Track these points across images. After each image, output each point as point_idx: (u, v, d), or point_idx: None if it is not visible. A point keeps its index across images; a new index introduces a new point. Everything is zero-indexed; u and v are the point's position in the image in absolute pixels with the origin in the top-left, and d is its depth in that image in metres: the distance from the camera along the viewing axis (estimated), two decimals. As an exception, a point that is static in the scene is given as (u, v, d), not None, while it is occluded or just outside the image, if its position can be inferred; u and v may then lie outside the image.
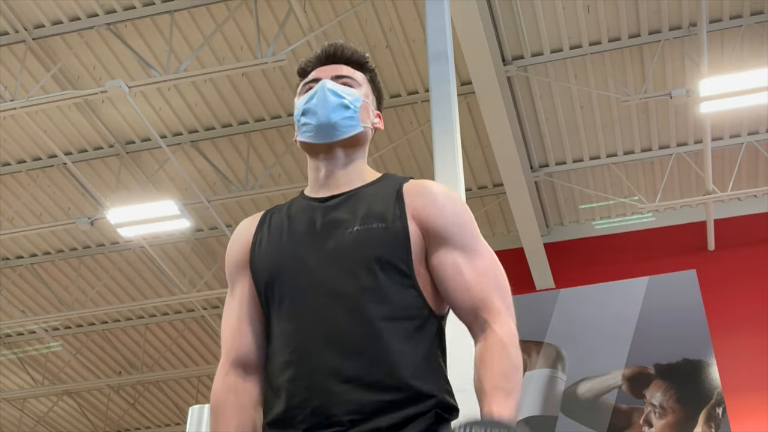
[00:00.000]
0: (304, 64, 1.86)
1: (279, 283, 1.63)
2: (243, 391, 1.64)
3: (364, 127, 1.77)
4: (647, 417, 8.25)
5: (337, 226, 1.64)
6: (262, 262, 1.68)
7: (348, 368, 1.51)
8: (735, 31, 7.66)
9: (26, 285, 10.57)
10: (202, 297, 9.95)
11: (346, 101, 1.74)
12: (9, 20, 7.38)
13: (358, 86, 1.80)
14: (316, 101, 1.73)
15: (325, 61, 1.83)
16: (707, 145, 7.94)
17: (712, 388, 8.12)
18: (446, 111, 5.18)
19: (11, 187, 9.13)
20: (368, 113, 1.80)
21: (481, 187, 9.42)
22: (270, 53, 6.88)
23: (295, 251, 1.64)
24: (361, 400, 1.49)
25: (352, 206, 1.67)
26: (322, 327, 1.55)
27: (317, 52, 1.85)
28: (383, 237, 1.60)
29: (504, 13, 7.47)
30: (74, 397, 12.70)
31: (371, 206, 1.65)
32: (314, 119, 1.72)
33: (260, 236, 1.72)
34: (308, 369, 1.53)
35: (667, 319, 8.49)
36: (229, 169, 9.00)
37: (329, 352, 1.53)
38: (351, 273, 1.58)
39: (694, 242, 9.29)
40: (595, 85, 8.17)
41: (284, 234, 1.69)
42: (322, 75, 1.79)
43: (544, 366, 8.64)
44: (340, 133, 1.73)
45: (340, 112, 1.73)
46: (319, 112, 1.72)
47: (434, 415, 1.51)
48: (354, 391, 1.50)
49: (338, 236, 1.62)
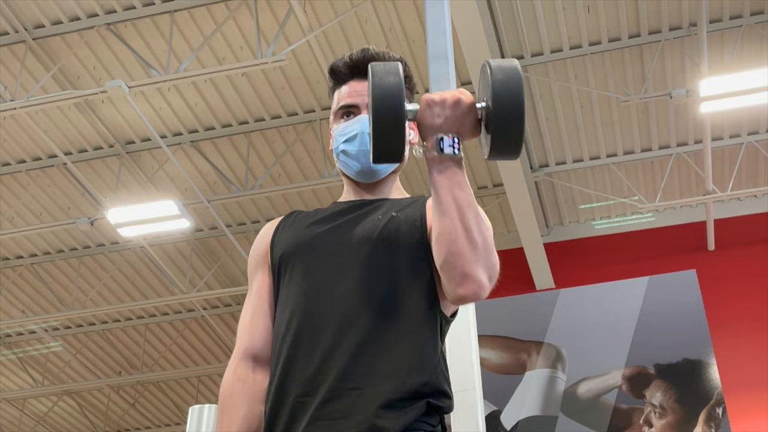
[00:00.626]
0: (335, 66, 1.82)
1: (294, 257, 1.66)
2: (252, 382, 1.65)
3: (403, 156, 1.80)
4: (647, 417, 8.25)
5: (361, 216, 1.69)
6: (279, 242, 1.72)
7: (349, 347, 1.52)
8: (735, 31, 7.66)
9: (26, 285, 10.57)
10: (202, 297, 9.95)
11: None
12: (9, 20, 7.38)
13: None
14: (357, 147, 1.74)
15: (357, 73, 1.79)
16: (707, 145, 7.94)
17: (712, 388, 8.12)
18: (446, 111, 5.17)
19: (11, 187, 9.13)
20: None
21: (481, 187, 9.43)
22: (270, 53, 6.88)
23: (314, 233, 1.68)
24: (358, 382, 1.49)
25: (378, 206, 1.72)
26: (329, 301, 1.57)
27: (350, 58, 1.80)
28: (405, 230, 1.63)
29: (504, 13, 7.47)
30: (74, 397, 12.70)
31: (396, 207, 1.70)
32: (356, 165, 1.75)
33: (282, 226, 1.76)
34: (308, 342, 1.54)
35: (667, 319, 8.49)
36: (229, 169, 9.00)
37: (331, 328, 1.54)
38: (366, 254, 1.60)
39: (694, 242, 9.29)
40: (595, 85, 8.17)
41: (307, 222, 1.73)
42: (359, 100, 1.77)
43: (544, 366, 8.64)
44: (381, 176, 1.78)
45: None
46: (361, 160, 1.74)
47: (425, 404, 1.50)
48: (353, 373, 1.50)
49: (360, 224, 1.66)
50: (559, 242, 9.65)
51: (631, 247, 9.44)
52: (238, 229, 9.85)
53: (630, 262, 9.20)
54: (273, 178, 9.06)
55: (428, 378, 1.52)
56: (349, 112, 1.78)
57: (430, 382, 1.52)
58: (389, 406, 1.47)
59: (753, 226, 9.22)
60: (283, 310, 1.63)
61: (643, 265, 9.05)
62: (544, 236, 9.30)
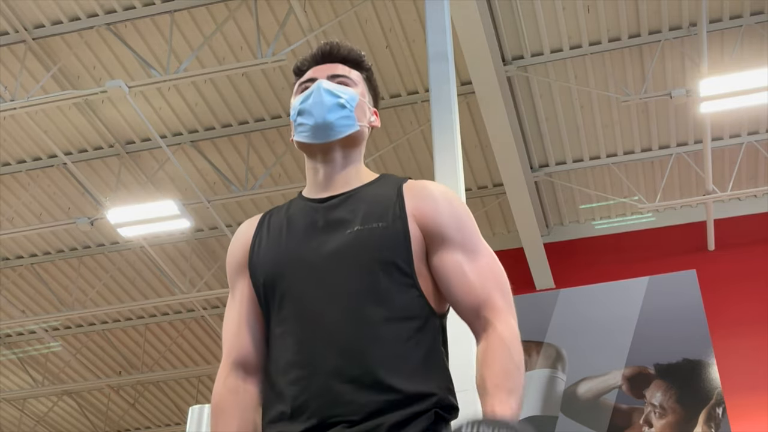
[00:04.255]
0: (299, 63, 1.84)
1: (279, 284, 1.63)
2: (243, 392, 1.64)
3: (360, 126, 1.77)
4: (647, 417, 8.25)
5: (338, 227, 1.64)
6: (260, 263, 1.68)
7: (349, 369, 1.51)
8: (735, 31, 7.65)
9: (26, 285, 10.57)
10: (202, 297, 9.95)
11: (342, 100, 1.73)
12: (9, 20, 7.38)
13: (354, 85, 1.79)
14: (311, 101, 1.73)
15: (321, 60, 1.82)
16: (707, 145, 7.94)
17: (712, 388, 8.12)
18: (446, 111, 5.18)
19: (11, 187, 9.13)
20: (364, 112, 1.79)
21: (481, 187, 9.42)
22: (270, 53, 6.88)
23: (295, 252, 1.64)
24: (361, 400, 1.49)
25: (352, 206, 1.67)
26: (323, 328, 1.55)
27: (313, 51, 1.84)
28: (384, 237, 1.60)
29: (504, 13, 7.47)
30: (74, 397, 12.70)
31: (371, 206, 1.65)
32: (310, 119, 1.72)
33: (259, 237, 1.72)
34: (310, 370, 1.53)
35: (667, 319, 8.49)
36: (229, 169, 9.00)
37: (330, 353, 1.53)
38: (352, 273, 1.58)
39: (694, 242, 9.29)
40: (595, 85, 8.17)
41: (283, 235, 1.69)
42: (318, 74, 1.78)
43: (544, 366, 8.64)
44: (336, 133, 1.72)
45: (336, 112, 1.72)
46: (315, 112, 1.72)
47: (433, 414, 1.51)
48: (355, 391, 1.50)
49: (338, 236, 1.62)
50: (559, 242, 9.65)
51: (631, 247, 9.44)
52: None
53: (630, 262, 9.20)
54: (273, 178, 9.05)
55: (434, 390, 1.53)
56: (307, 87, 1.78)
57: (435, 393, 1.53)
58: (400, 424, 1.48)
59: (753, 226, 9.22)
60: (278, 339, 1.61)
61: (643, 265, 9.04)
62: (544, 236, 9.30)
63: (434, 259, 1.63)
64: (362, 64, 1.84)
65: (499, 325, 1.55)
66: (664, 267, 8.89)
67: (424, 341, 1.57)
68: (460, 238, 1.63)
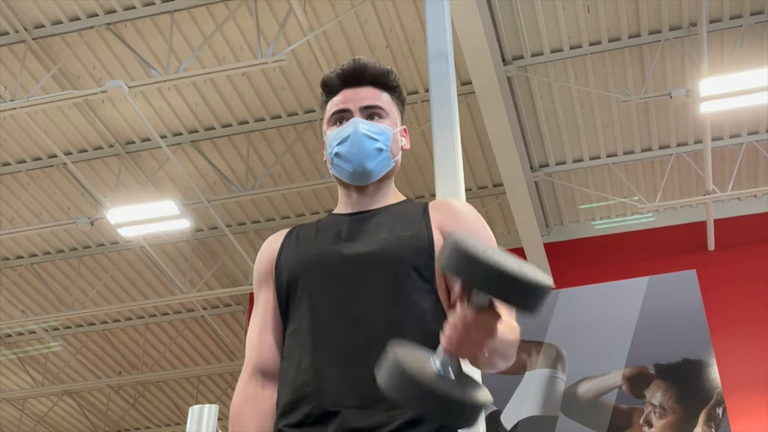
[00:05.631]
0: (327, 78, 1.84)
1: (302, 281, 1.66)
2: (261, 399, 1.66)
3: (395, 160, 1.80)
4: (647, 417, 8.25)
5: (363, 235, 1.68)
6: (285, 263, 1.71)
7: (366, 368, 1.52)
8: (735, 31, 7.66)
9: (26, 285, 10.57)
10: (202, 297, 9.95)
11: (380, 144, 1.75)
12: (9, 20, 7.38)
13: (386, 115, 1.80)
14: (349, 147, 1.74)
15: (349, 82, 1.81)
16: (707, 145, 7.94)
17: (712, 388, 8.11)
18: (446, 111, 5.18)
19: (11, 187, 9.13)
20: (397, 142, 1.81)
21: (481, 187, 9.42)
22: (270, 53, 6.88)
23: (319, 253, 1.68)
24: (376, 399, 1.50)
25: (379, 220, 1.72)
26: (342, 326, 1.58)
27: (342, 69, 1.82)
28: (409, 243, 1.64)
29: (504, 13, 7.47)
30: (74, 397, 12.70)
31: (398, 219, 1.70)
32: (349, 166, 1.74)
33: (287, 244, 1.76)
34: (324, 368, 1.55)
35: (667, 319, 8.48)
36: (229, 169, 9.00)
37: (347, 350, 1.55)
38: (374, 275, 1.61)
39: (694, 242, 9.29)
40: (595, 85, 8.17)
41: (311, 240, 1.73)
42: (351, 105, 1.78)
43: (544, 366, 8.64)
44: (374, 177, 1.76)
45: (375, 158, 1.75)
46: (354, 160, 1.74)
47: None
48: (370, 391, 1.51)
49: (363, 242, 1.66)
50: (559, 242, 9.65)
51: (631, 247, 9.44)
52: (238, 229, 9.85)
53: (630, 262, 9.20)
54: (273, 178, 9.05)
55: None
56: (341, 117, 1.79)
57: None
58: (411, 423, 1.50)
59: (753, 226, 9.22)
60: (296, 336, 1.63)
61: (643, 265, 9.04)
62: (544, 236, 9.30)
63: None
64: (389, 84, 1.84)
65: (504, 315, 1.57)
66: (664, 267, 8.88)
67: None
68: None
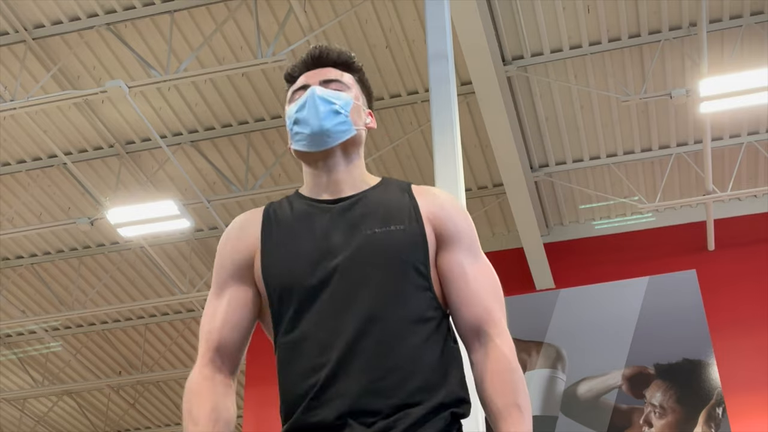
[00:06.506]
0: (290, 69, 1.84)
1: (298, 287, 1.63)
2: (219, 381, 1.65)
3: (357, 129, 1.77)
4: (647, 417, 8.25)
5: (354, 229, 1.66)
6: (277, 266, 1.67)
7: (369, 370, 1.53)
8: (735, 31, 7.65)
9: (26, 285, 10.57)
10: (202, 297, 9.94)
11: (337, 106, 1.74)
12: (9, 20, 7.38)
13: (347, 89, 1.79)
14: (306, 110, 1.73)
15: (312, 66, 1.82)
16: (707, 145, 7.94)
17: (712, 388, 8.12)
18: (446, 111, 5.18)
19: (11, 187, 9.13)
20: (360, 114, 1.80)
21: (481, 187, 9.42)
22: (270, 53, 6.88)
23: (314, 260, 1.64)
24: (383, 401, 1.51)
25: (366, 209, 1.69)
26: (345, 330, 1.56)
27: (303, 57, 1.84)
28: (403, 239, 1.63)
29: (504, 13, 7.47)
30: (74, 397, 12.70)
31: (386, 209, 1.68)
32: (306, 128, 1.73)
33: (268, 238, 1.71)
34: (332, 373, 1.54)
35: (667, 319, 8.50)
36: (229, 169, 9.00)
37: (352, 355, 1.54)
38: (372, 275, 1.60)
39: (694, 242, 9.29)
40: (595, 85, 8.17)
41: (300, 238, 1.69)
42: (310, 81, 1.79)
43: (544, 366, 8.64)
44: (333, 140, 1.73)
45: (332, 119, 1.73)
46: (311, 121, 1.72)
47: (450, 415, 1.54)
48: (377, 393, 1.52)
49: (357, 239, 1.64)
50: (559, 242, 9.65)
51: (631, 247, 9.44)
52: (238, 229, 9.83)
53: (630, 262, 9.20)
54: (273, 178, 9.06)
55: (450, 388, 1.56)
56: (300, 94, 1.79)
57: (451, 392, 1.56)
58: (419, 422, 1.50)
59: (753, 226, 9.22)
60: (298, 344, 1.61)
61: (643, 265, 9.05)
62: (544, 236, 9.30)
63: (440, 260, 1.66)
64: (353, 66, 1.84)
65: (498, 340, 1.60)
66: (664, 267, 8.90)
67: (439, 341, 1.60)
68: (467, 243, 1.69)
